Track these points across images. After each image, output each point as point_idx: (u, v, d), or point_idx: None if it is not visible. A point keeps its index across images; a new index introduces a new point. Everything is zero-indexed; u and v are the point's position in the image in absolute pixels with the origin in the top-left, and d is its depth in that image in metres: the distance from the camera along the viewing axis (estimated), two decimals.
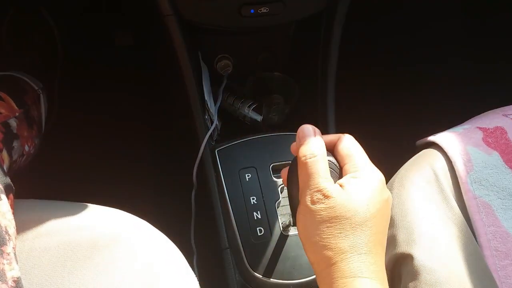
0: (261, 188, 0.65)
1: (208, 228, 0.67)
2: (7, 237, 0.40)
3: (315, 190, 0.38)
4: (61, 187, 0.74)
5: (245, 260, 0.59)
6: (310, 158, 0.39)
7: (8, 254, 0.40)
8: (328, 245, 0.37)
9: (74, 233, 0.44)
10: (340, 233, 0.37)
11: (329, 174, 0.40)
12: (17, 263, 0.40)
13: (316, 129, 0.42)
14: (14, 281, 0.39)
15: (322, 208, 0.37)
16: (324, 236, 0.37)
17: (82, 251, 0.43)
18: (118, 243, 0.44)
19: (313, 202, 0.38)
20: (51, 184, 0.76)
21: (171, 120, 0.92)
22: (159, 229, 0.50)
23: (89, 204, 0.49)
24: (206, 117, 0.71)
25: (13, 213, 0.43)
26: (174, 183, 0.81)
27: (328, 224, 0.37)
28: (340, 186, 0.39)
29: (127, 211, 0.51)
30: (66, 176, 0.86)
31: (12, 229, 0.42)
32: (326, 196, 0.38)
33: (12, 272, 0.39)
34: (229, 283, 0.59)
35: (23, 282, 0.40)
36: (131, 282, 0.41)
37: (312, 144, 0.40)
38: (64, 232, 0.44)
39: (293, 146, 0.43)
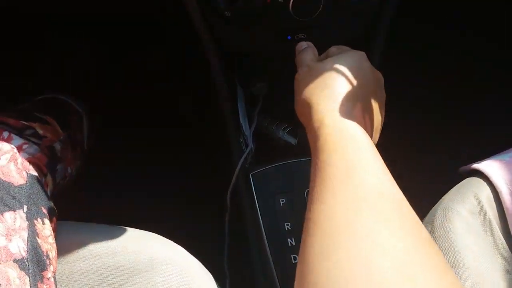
0: (295, 214, 0.64)
1: (242, 253, 0.66)
2: (47, 262, 0.41)
3: (311, 61, 0.49)
4: (100, 208, 0.75)
5: (279, 287, 0.58)
6: (302, 47, 0.52)
7: (48, 279, 0.40)
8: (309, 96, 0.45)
9: (113, 257, 0.45)
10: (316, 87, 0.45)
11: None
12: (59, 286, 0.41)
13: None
14: None
15: (305, 71, 0.48)
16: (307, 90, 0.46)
17: (120, 276, 0.43)
18: (155, 268, 0.44)
19: (301, 71, 0.49)
20: (91, 206, 0.78)
21: (205, 145, 0.93)
22: (193, 254, 0.50)
23: (127, 228, 0.50)
24: (241, 140, 0.71)
25: (54, 237, 0.44)
26: (208, 208, 0.81)
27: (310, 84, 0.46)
28: None
29: (162, 235, 0.51)
30: (105, 198, 0.87)
31: (53, 253, 0.43)
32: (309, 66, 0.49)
33: None
34: None
35: None
36: None
37: (303, 43, 0.54)
38: (104, 256, 0.45)
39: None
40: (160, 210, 0.73)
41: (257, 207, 0.65)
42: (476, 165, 0.61)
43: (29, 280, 0.38)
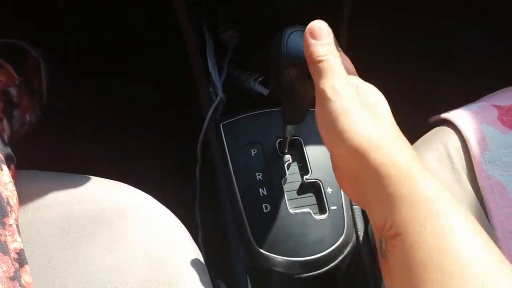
0: (267, 164, 0.63)
1: (213, 204, 0.66)
2: (8, 209, 0.39)
3: (342, 79, 0.36)
4: (64, 159, 0.72)
5: (250, 236, 0.58)
6: (333, 57, 0.36)
7: (10, 226, 0.38)
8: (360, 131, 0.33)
9: (77, 205, 0.43)
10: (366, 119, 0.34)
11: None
12: (19, 235, 0.39)
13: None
14: (16, 253, 0.38)
15: (351, 93, 0.35)
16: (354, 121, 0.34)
17: (85, 225, 0.42)
18: (123, 217, 0.43)
19: (340, 88, 0.35)
20: (53, 156, 0.74)
21: (175, 94, 0.90)
22: (163, 205, 0.48)
23: (92, 177, 0.48)
24: (210, 89, 0.69)
25: (15, 184, 0.42)
26: (178, 159, 0.79)
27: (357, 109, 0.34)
28: None
29: (130, 186, 0.49)
30: (69, 148, 0.84)
31: (14, 200, 0.40)
32: (352, 85, 0.36)
33: (15, 244, 0.38)
34: (234, 259, 0.58)
35: (25, 254, 0.39)
36: (135, 257, 0.40)
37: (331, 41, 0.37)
38: (68, 205, 0.43)
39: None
40: (127, 161, 0.71)
41: (228, 157, 0.63)
42: (445, 115, 0.62)
43: None
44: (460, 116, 0.60)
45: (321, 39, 0.37)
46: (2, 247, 0.36)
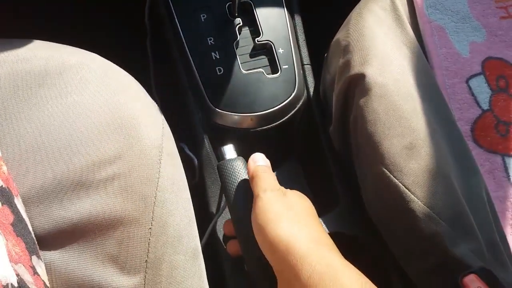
0: (218, 28, 0.63)
1: (167, 73, 0.66)
2: None
3: (275, 188, 0.44)
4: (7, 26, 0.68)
5: (206, 98, 0.60)
6: (263, 171, 0.46)
7: None
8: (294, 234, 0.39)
9: (23, 63, 0.42)
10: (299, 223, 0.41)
11: None
12: None
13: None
14: None
15: (286, 199, 0.43)
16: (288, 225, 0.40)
17: (33, 79, 0.41)
18: (71, 70, 0.42)
19: (280, 194, 0.43)
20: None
21: None
22: None
23: (35, 40, 0.47)
24: None
25: None
26: (126, 30, 0.76)
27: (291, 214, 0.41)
28: None
29: None
30: (12, 14, 0.79)
31: None
32: (285, 191, 0.44)
33: None
34: (193, 120, 0.61)
35: None
36: (89, 102, 0.41)
37: (259, 157, 0.49)
38: (14, 63, 0.42)
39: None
40: (74, 34, 0.68)
41: (178, 24, 0.63)
42: None
43: None
44: None
45: (256, 162, 0.48)
46: None
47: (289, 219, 0.40)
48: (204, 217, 0.58)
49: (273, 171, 0.48)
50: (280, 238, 0.38)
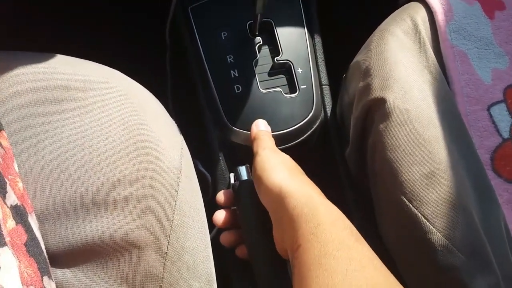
0: (238, 47, 0.63)
1: (185, 88, 0.66)
2: None
3: (272, 148, 0.51)
4: (27, 41, 0.69)
5: (223, 115, 0.60)
6: (264, 134, 0.54)
7: None
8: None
9: (44, 78, 0.42)
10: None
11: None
12: None
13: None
14: None
15: (280, 156, 0.49)
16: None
17: (53, 95, 0.42)
18: (90, 87, 0.42)
19: (276, 152, 0.50)
20: (17, 36, 0.71)
21: None
22: None
23: (56, 54, 0.47)
24: None
25: None
26: (146, 45, 0.77)
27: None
28: None
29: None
30: (28, 31, 0.80)
31: None
32: (279, 152, 0.51)
33: None
34: (209, 137, 0.61)
35: None
36: (106, 120, 0.40)
37: (260, 123, 0.56)
38: (34, 78, 0.42)
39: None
40: (94, 47, 0.69)
41: (198, 41, 0.63)
42: None
43: None
44: None
45: (259, 127, 0.56)
46: None
47: (282, 169, 0.46)
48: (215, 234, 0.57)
49: None
50: (274, 182, 0.44)
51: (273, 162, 0.47)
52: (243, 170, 0.54)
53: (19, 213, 0.33)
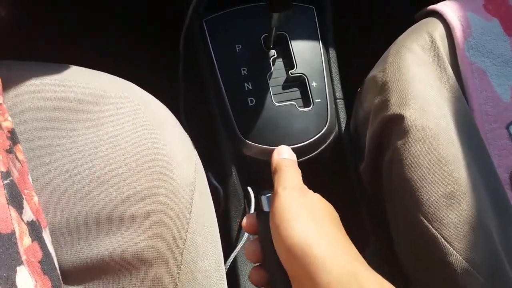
0: (252, 59, 0.62)
1: (198, 101, 0.66)
2: None
3: (296, 186, 0.41)
4: (43, 51, 0.69)
5: (236, 128, 0.59)
6: (287, 165, 0.43)
7: (1, 105, 0.38)
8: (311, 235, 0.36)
9: (58, 89, 0.42)
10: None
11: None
12: (9, 115, 0.39)
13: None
14: (8, 131, 0.38)
15: (305, 200, 0.39)
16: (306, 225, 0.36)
17: (69, 108, 0.41)
18: (105, 100, 0.42)
19: (300, 194, 0.40)
20: (32, 47, 0.71)
21: None
22: None
23: (72, 65, 0.47)
24: None
25: None
26: (160, 55, 0.77)
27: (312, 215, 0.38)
28: None
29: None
30: (48, 40, 0.81)
31: None
32: (306, 192, 0.41)
33: (6, 123, 0.38)
34: (221, 150, 0.60)
35: None
36: (121, 135, 0.40)
37: (284, 150, 0.46)
38: (49, 90, 0.42)
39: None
40: (109, 58, 0.69)
41: (212, 53, 0.62)
42: (432, 6, 0.61)
43: None
44: (446, 5, 0.59)
45: (281, 155, 0.45)
46: None
47: (307, 220, 0.37)
48: (224, 248, 0.56)
49: None
50: (295, 239, 0.35)
51: (295, 209, 0.38)
52: (265, 200, 0.44)
53: (34, 229, 0.33)
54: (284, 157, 0.45)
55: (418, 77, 0.52)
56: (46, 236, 0.34)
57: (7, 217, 0.31)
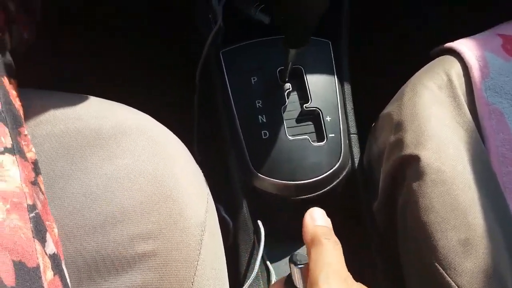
0: (267, 92, 0.63)
1: (211, 130, 0.66)
2: (22, 119, 0.39)
3: (341, 276, 0.31)
4: (59, 79, 0.71)
5: (249, 161, 0.59)
6: (326, 236, 0.34)
7: (26, 136, 0.39)
8: None
9: (76, 121, 0.43)
10: None
11: None
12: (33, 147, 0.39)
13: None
14: (32, 162, 0.38)
15: None
16: None
17: (86, 139, 0.42)
18: (121, 133, 0.43)
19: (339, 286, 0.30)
20: (49, 76, 0.73)
21: (174, 20, 0.87)
22: None
23: (91, 96, 0.48)
24: (210, 15, 0.67)
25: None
26: (177, 86, 0.78)
27: None
28: None
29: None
30: (64, 68, 0.83)
31: (21, 112, 0.40)
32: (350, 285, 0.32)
33: (30, 154, 0.38)
34: (233, 182, 0.60)
35: None
36: (134, 169, 0.40)
37: (318, 214, 0.37)
38: (67, 121, 0.43)
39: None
40: (125, 87, 0.70)
41: (228, 85, 0.63)
42: (449, 44, 0.61)
43: (9, 131, 0.36)
44: (463, 44, 0.59)
45: (316, 221, 0.36)
46: (21, 153, 0.36)
47: None
48: (232, 284, 0.56)
49: None
50: None
51: None
52: (298, 274, 0.35)
53: (55, 262, 0.33)
54: (319, 223, 0.36)
55: (435, 116, 0.51)
56: (65, 269, 0.34)
57: (33, 250, 0.31)
